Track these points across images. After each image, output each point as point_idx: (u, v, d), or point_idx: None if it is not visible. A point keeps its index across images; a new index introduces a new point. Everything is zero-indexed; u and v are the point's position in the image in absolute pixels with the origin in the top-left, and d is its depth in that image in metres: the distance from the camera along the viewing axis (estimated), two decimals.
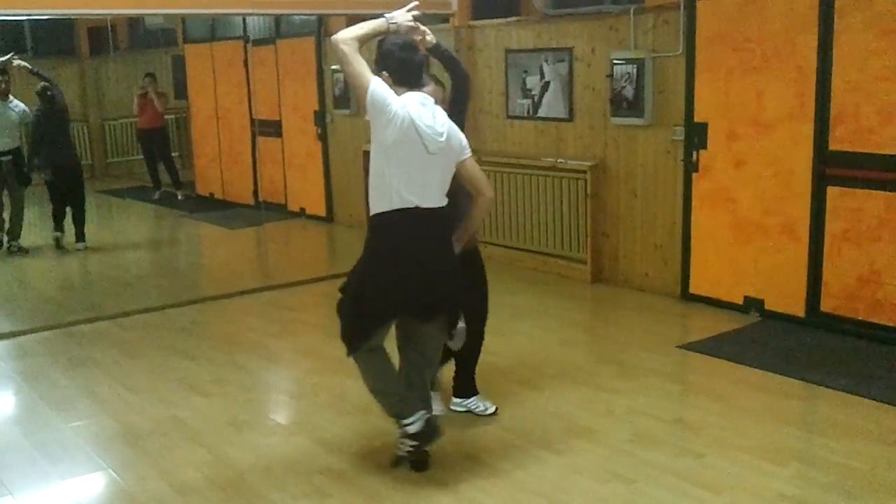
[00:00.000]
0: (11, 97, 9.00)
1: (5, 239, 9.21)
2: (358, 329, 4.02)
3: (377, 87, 3.81)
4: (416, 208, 3.86)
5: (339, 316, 4.14)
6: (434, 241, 3.96)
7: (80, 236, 9.31)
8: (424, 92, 3.99)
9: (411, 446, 4.06)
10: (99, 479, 4.22)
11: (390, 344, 4.16)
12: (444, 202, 3.95)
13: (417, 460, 4.12)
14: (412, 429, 4.02)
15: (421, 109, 3.86)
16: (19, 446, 4.59)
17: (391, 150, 3.82)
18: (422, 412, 4.05)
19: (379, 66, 3.96)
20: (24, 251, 9.26)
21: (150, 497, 4.00)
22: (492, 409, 4.72)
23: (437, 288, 3.96)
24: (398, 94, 3.88)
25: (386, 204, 3.87)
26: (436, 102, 4.01)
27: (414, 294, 3.92)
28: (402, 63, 3.94)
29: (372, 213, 3.95)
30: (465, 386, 4.76)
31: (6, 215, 9.17)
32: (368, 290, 3.95)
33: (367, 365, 4.10)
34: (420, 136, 3.82)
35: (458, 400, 4.77)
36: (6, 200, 9.12)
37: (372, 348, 4.06)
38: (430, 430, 4.05)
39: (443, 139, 3.87)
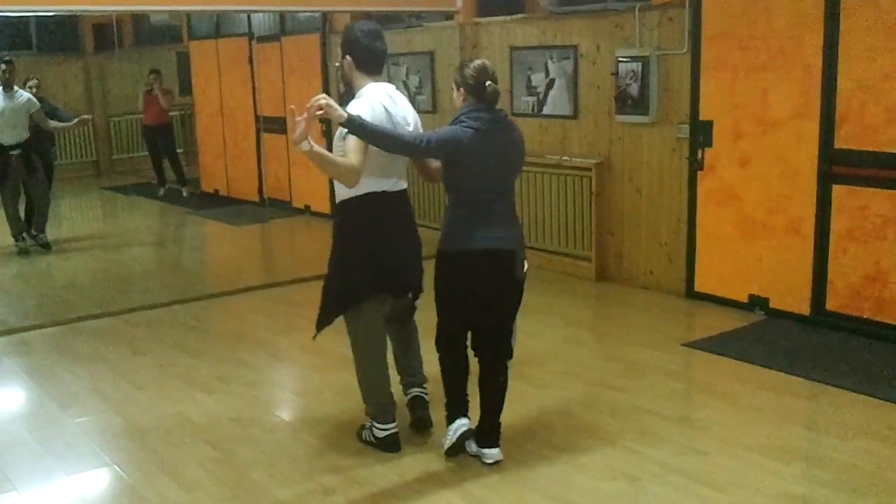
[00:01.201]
0: (16, 87, 8.85)
1: (23, 236, 9.15)
2: (345, 296, 4.23)
3: (358, 118, 3.89)
4: (394, 193, 4.15)
5: (323, 299, 4.32)
6: (403, 219, 4.25)
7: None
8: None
9: (372, 443, 4.34)
10: (104, 476, 4.23)
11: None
12: (405, 185, 4.24)
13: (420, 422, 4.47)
14: (380, 434, 4.30)
15: (390, 101, 4.08)
16: (25, 442, 4.61)
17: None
18: (394, 424, 4.30)
19: (343, 51, 4.13)
20: (47, 247, 9.25)
21: (155, 493, 4.01)
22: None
23: (413, 263, 4.30)
24: (361, 82, 4.12)
25: (360, 188, 4.00)
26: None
27: (394, 270, 4.18)
28: (366, 49, 4.11)
29: (342, 199, 4.13)
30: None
31: (22, 210, 9.15)
32: (353, 270, 4.15)
33: (375, 360, 4.29)
34: (394, 126, 4.04)
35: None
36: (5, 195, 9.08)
37: (382, 348, 4.34)
38: (393, 444, 4.30)
39: (410, 127, 4.14)
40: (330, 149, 4.10)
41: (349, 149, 3.88)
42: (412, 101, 8.82)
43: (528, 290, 6.99)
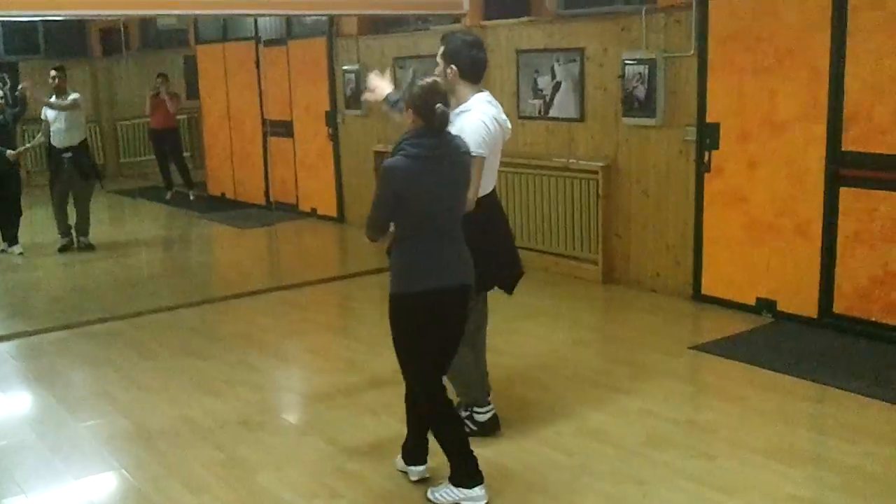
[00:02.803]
0: (69, 91, 9.16)
1: (71, 234, 9.38)
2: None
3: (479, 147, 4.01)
4: (493, 191, 4.32)
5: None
6: (503, 214, 4.52)
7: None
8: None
9: (471, 432, 4.29)
10: (111, 479, 4.24)
11: None
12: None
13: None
14: (482, 417, 4.42)
15: (493, 108, 4.20)
16: (32, 445, 4.62)
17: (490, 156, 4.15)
18: (491, 406, 4.43)
19: (447, 61, 4.18)
20: (90, 248, 9.42)
21: (163, 496, 4.01)
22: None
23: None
24: (464, 91, 4.18)
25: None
26: None
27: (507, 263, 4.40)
28: (471, 59, 4.18)
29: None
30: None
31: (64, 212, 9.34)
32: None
33: (476, 348, 4.39)
34: (501, 131, 4.22)
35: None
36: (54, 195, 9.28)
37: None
38: (496, 425, 4.45)
39: (509, 126, 4.33)
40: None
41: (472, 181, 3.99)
42: None
43: (535, 294, 7.02)
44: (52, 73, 9.15)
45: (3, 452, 4.54)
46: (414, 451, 4.05)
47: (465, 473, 3.80)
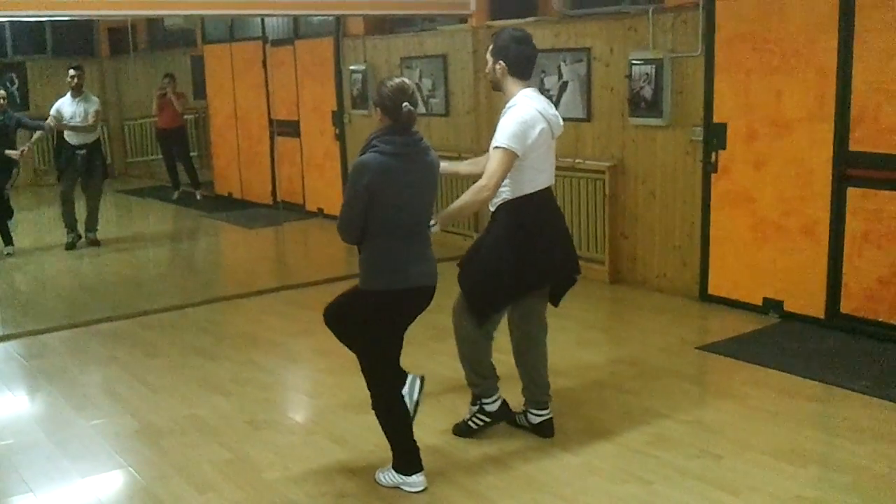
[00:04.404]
0: (86, 91, 9.33)
1: (77, 230, 9.47)
2: (497, 298, 4.29)
3: (512, 142, 4.06)
4: (548, 188, 4.29)
5: (466, 290, 4.32)
6: (559, 212, 4.46)
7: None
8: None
9: (484, 422, 4.44)
10: (119, 477, 4.25)
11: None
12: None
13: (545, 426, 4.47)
14: (491, 408, 4.43)
15: (541, 103, 4.19)
16: (40, 444, 4.63)
17: (530, 152, 4.13)
18: (499, 393, 4.44)
19: (496, 57, 4.23)
20: (97, 244, 9.51)
21: (170, 495, 4.02)
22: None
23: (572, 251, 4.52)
24: (512, 88, 4.21)
25: (524, 189, 4.20)
26: None
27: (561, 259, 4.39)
28: (518, 55, 4.19)
29: (509, 199, 4.21)
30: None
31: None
32: (513, 263, 4.22)
33: (481, 342, 4.35)
34: (550, 127, 4.20)
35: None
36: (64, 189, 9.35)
37: (491, 328, 4.37)
38: (506, 413, 4.48)
39: (561, 122, 4.32)
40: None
41: (490, 169, 4.08)
42: (425, 104, 8.87)
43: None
44: (71, 72, 9.23)
45: (11, 451, 4.56)
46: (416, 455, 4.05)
47: (407, 461, 3.96)
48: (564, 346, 5.91)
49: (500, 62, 4.21)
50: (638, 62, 6.81)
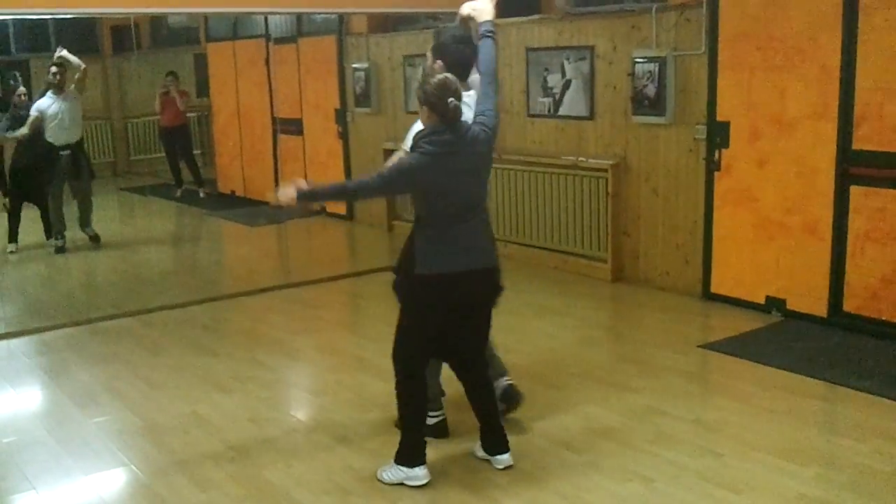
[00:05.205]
0: (66, 87, 9.00)
1: (63, 235, 9.23)
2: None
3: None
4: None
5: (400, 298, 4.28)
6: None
7: None
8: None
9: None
10: (121, 475, 4.26)
11: None
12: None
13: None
14: (430, 421, 4.32)
15: (468, 111, 4.03)
16: (43, 441, 4.64)
17: None
18: (442, 412, 4.41)
19: (435, 55, 4.23)
20: (97, 239, 9.40)
21: (172, 493, 4.03)
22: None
23: None
24: None
25: None
26: None
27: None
28: (456, 55, 4.18)
29: None
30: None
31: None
32: None
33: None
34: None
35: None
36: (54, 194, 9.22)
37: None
38: (443, 430, 4.44)
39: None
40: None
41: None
42: None
43: (543, 292, 7.02)
44: (53, 68, 8.90)
45: (14, 448, 4.57)
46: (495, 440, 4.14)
47: (412, 453, 4.00)
48: (567, 344, 5.92)
49: (439, 61, 4.20)
50: (641, 60, 6.80)
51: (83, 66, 9.10)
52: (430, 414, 4.36)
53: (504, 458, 4.11)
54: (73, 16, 9.64)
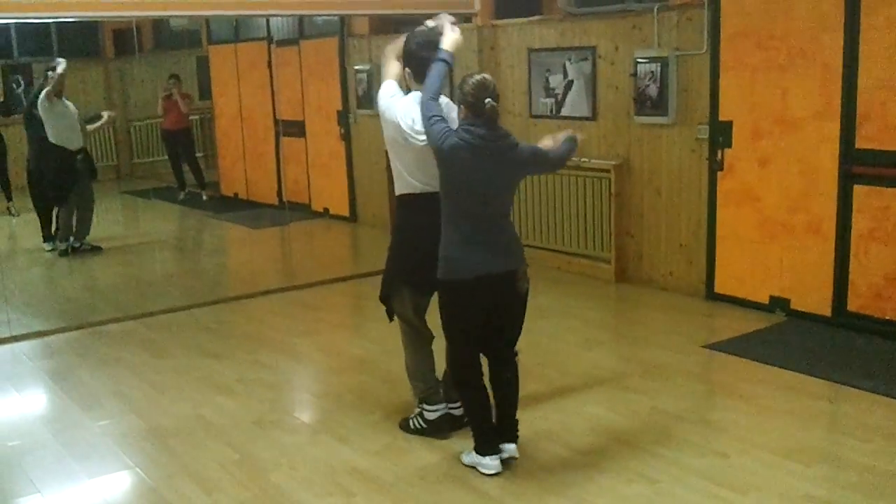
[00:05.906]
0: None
1: (70, 239, 9.20)
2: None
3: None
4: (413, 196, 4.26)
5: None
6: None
7: None
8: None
9: (421, 427, 4.48)
10: (126, 478, 4.26)
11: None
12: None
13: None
14: (431, 416, 4.44)
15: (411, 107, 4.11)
16: (47, 444, 4.64)
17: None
18: (443, 405, 4.45)
19: (403, 63, 4.27)
20: (97, 249, 9.32)
21: (177, 495, 4.03)
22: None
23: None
24: (418, 89, 4.16)
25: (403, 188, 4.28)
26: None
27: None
28: (420, 61, 4.19)
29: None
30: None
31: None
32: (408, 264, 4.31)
33: (419, 342, 4.45)
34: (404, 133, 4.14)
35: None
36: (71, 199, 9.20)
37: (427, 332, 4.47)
38: (444, 425, 4.46)
39: (417, 137, 4.10)
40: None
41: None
42: None
43: (547, 293, 7.01)
44: (51, 73, 8.80)
45: (19, 452, 4.57)
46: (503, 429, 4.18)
47: (481, 445, 4.08)
48: (571, 345, 5.92)
49: (406, 69, 4.25)
50: (643, 60, 6.80)
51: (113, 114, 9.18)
52: (428, 408, 4.44)
53: (510, 448, 4.12)
54: (75, 19, 9.66)
